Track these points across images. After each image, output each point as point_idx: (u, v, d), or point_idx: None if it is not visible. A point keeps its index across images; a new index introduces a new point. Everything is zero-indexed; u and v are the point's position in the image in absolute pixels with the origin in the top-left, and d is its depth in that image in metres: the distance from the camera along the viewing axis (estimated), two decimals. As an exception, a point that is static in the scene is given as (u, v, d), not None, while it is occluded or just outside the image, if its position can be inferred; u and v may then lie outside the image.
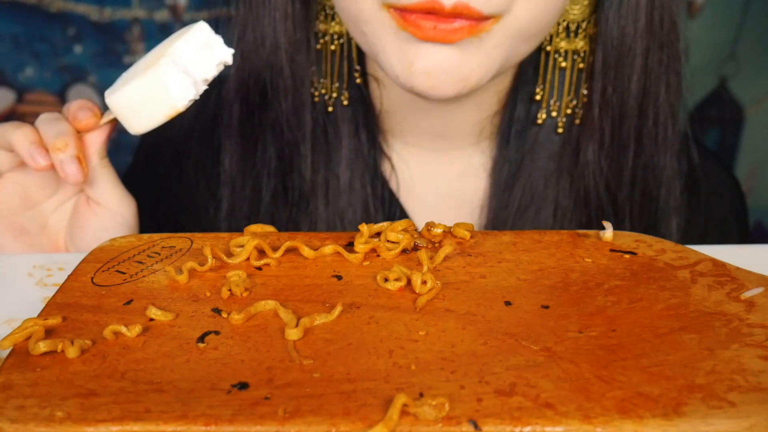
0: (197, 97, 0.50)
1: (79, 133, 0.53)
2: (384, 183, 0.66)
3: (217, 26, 0.51)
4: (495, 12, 0.50)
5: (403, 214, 0.66)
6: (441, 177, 0.67)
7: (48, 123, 0.52)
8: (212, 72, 0.50)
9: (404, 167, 0.67)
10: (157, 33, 1.36)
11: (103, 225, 0.56)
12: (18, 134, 0.51)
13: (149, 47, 1.33)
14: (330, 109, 0.64)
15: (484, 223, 0.66)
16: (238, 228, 0.66)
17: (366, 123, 0.65)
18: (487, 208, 0.66)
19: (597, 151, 0.62)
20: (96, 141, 0.54)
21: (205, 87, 0.50)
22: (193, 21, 0.51)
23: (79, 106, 0.53)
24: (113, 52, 1.38)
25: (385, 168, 0.66)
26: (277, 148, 0.64)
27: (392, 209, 0.66)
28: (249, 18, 0.61)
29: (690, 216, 0.66)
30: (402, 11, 0.50)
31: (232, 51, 0.50)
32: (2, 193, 0.54)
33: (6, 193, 0.54)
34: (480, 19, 0.50)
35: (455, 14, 0.49)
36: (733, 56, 1.40)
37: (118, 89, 0.50)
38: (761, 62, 1.41)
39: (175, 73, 0.48)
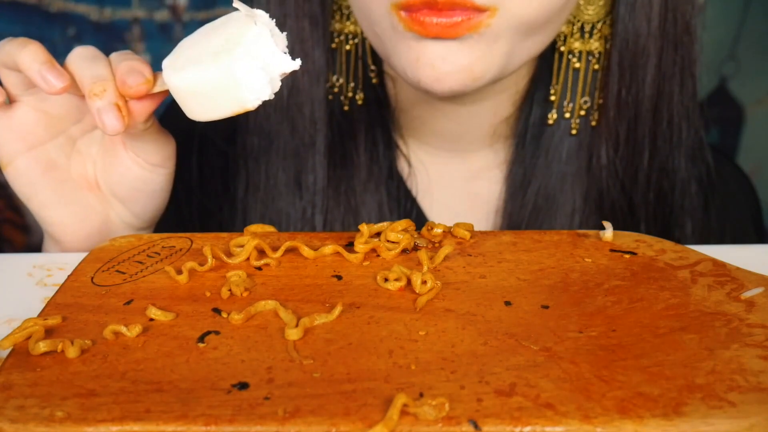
0: (271, 97, 0.42)
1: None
2: (401, 182, 0.66)
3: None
4: (488, 3, 0.50)
5: (420, 214, 0.66)
6: (457, 177, 0.67)
7: (84, 60, 0.45)
8: (289, 66, 0.42)
9: (421, 167, 0.67)
10: (157, 33, 1.36)
11: (136, 174, 0.51)
12: (26, 53, 0.44)
13: (149, 47, 1.34)
14: (345, 108, 0.65)
15: (499, 225, 0.66)
16: (248, 224, 0.65)
17: (382, 121, 0.65)
18: (502, 210, 0.66)
19: (612, 154, 0.62)
20: (143, 111, 0.46)
21: (279, 85, 0.42)
22: (193, 21, 0.49)
23: (128, 69, 0.45)
24: (113, 52, 1.37)
25: (402, 167, 0.67)
26: (293, 146, 0.64)
27: (409, 208, 0.66)
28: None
29: (706, 218, 0.66)
30: (408, 11, 0.51)
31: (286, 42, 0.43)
32: (23, 121, 0.48)
33: (27, 121, 0.48)
34: (475, 10, 0.50)
35: (450, 5, 0.50)
36: (733, 56, 1.40)
37: (181, 68, 0.42)
38: (761, 62, 1.41)
39: (250, 69, 0.41)
